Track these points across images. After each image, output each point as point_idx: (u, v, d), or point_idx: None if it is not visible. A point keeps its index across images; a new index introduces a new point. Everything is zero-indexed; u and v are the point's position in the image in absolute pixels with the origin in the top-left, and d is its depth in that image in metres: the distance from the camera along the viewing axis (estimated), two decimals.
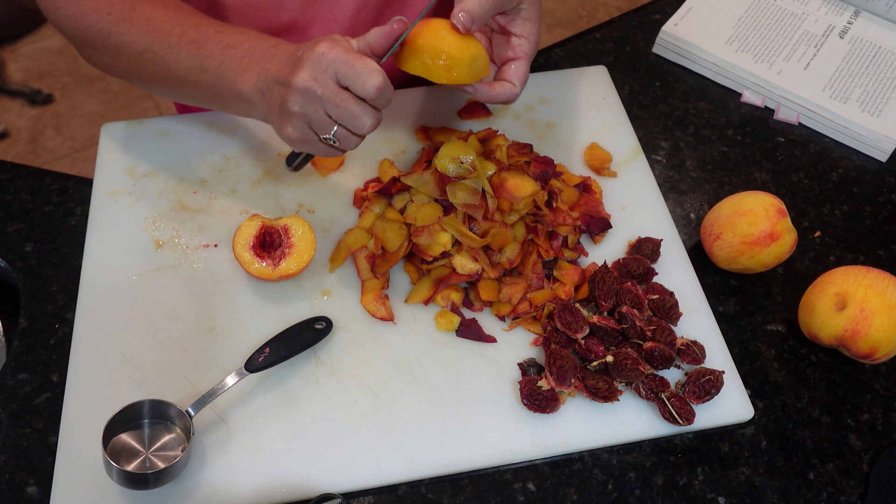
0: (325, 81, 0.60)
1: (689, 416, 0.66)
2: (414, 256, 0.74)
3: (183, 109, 1.02)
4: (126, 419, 0.62)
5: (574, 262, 0.76)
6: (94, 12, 0.69)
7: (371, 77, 0.59)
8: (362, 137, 0.64)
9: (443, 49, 0.64)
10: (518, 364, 0.70)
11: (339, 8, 0.81)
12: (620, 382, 0.67)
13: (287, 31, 0.82)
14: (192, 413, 0.63)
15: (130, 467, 0.60)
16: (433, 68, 0.64)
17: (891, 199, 0.86)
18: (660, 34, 0.97)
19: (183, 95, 0.73)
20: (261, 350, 0.66)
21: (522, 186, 0.71)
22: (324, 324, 0.70)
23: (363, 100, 0.61)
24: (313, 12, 0.81)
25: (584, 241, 0.78)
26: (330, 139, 0.63)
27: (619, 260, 0.75)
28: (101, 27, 0.69)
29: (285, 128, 0.64)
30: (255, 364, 0.65)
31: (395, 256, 0.72)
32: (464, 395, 0.68)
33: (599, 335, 0.69)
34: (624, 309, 0.70)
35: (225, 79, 0.67)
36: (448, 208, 0.72)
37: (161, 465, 0.61)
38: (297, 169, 0.72)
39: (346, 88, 0.61)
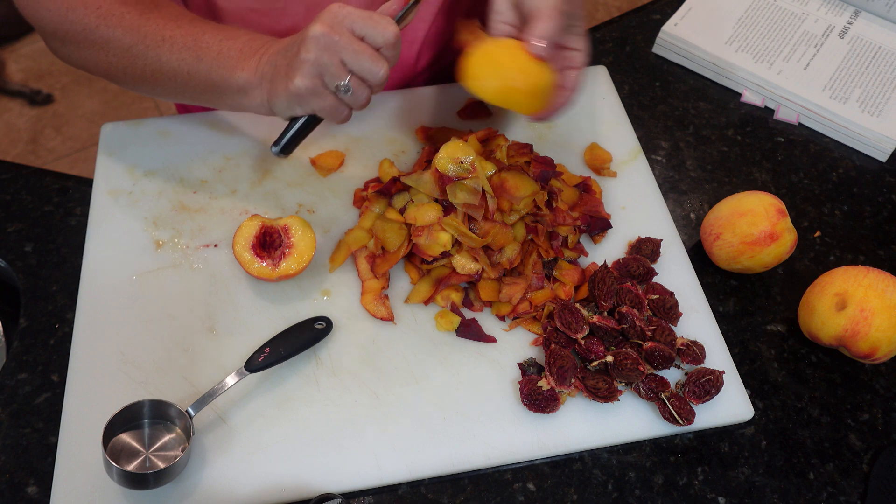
0: (341, 30, 0.61)
1: (689, 416, 0.66)
2: (414, 256, 0.74)
3: (183, 109, 1.02)
4: (126, 419, 0.62)
5: (574, 262, 0.76)
6: (81, 6, 0.69)
7: (389, 26, 0.62)
8: (370, 93, 0.65)
9: (530, 81, 0.66)
10: (518, 364, 0.70)
11: None
12: (620, 382, 0.67)
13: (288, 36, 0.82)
14: (192, 413, 0.63)
15: (130, 467, 0.60)
16: (518, 101, 0.67)
17: (891, 199, 0.86)
18: (660, 34, 0.97)
19: (170, 90, 0.72)
20: (261, 350, 0.66)
21: (522, 186, 0.71)
22: (324, 324, 0.70)
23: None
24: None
25: (584, 241, 0.78)
26: (342, 86, 0.63)
27: (619, 260, 0.75)
28: (88, 21, 0.69)
29: (293, 79, 0.63)
30: (255, 364, 0.65)
31: (395, 256, 0.72)
32: (464, 395, 0.68)
33: (599, 335, 0.69)
34: (624, 309, 0.70)
35: (222, 68, 0.67)
36: (448, 208, 0.72)
37: (161, 465, 0.61)
38: (284, 151, 0.69)
39: (362, 40, 0.62)
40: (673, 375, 0.70)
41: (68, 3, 0.69)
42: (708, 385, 0.67)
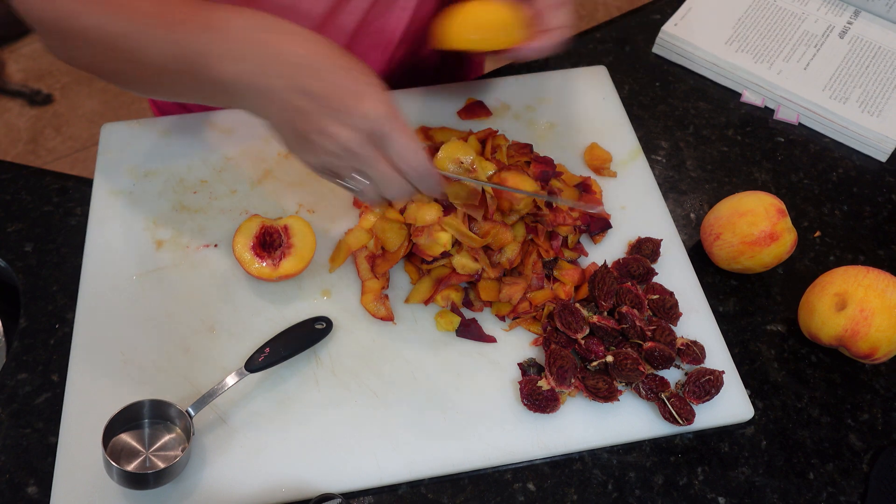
0: (363, 143, 0.56)
1: (689, 416, 0.66)
2: (414, 256, 0.74)
3: (160, 111, 1.01)
4: (126, 419, 0.62)
5: (574, 262, 0.76)
6: None
7: (418, 158, 0.57)
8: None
9: (494, 15, 0.70)
10: (518, 364, 0.70)
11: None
12: (620, 382, 0.67)
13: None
14: (192, 413, 0.63)
15: (130, 467, 0.60)
16: (489, 37, 0.70)
17: (891, 199, 0.86)
18: (660, 34, 0.97)
19: (158, 87, 0.65)
20: (261, 350, 0.66)
21: (522, 186, 0.71)
22: (324, 324, 0.70)
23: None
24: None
25: (584, 241, 0.78)
26: (351, 185, 0.59)
27: (619, 260, 0.75)
28: (72, 7, 0.62)
29: (302, 152, 0.59)
30: (255, 364, 0.66)
31: (395, 256, 0.72)
32: (464, 395, 0.68)
33: (599, 335, 0.69)
34: (624, 309, 0.70)
35: (198, 64, 0.57)
36: (448, 208, 0.72)
37: (161, 465, 0.61)
38: None
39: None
40: (673, 375, 0.70)
41: None
42: (708, 385, 0.67)
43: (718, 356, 0.71)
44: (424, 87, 0.90)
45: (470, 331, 0.71)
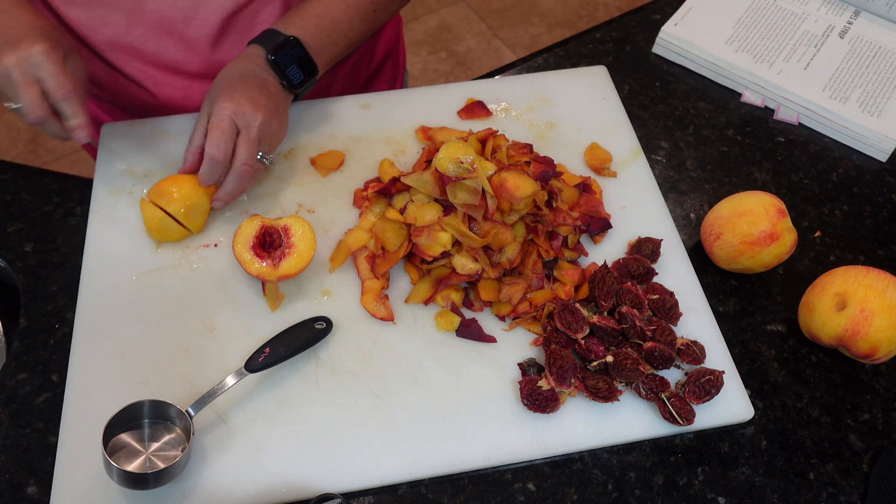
0: (18, 70, 0.67)
1: (689, 416, 0.66)
2: (414, 256, 0.74)
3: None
4: (126, 419, 0.62)
5: (574, 262, 0.76)
6: None
7: (62, 87, 0.67)
8: (36, 117, 0.69)
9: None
10: (518, 364, 0.70)
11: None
12: (620, 382, 0.67)
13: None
14: (192, 413, 0.63)
15: (130, 467, 0.60)
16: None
17: (891, 199, 0.86)
18: (660, 34, 0.97)
19: None
20: (261, 350, 0.66)
21: (522, 186, 0.71)
22: (324, 324, 0.70)
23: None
24: None
25: (584, 241, 0.78)
26: (10, 107, 0.69)
27: (619, 260, 0.75)
28: None
29: None
30: (255, 364, 0.65)
31: (395, 256, 0.72)
32: (464, 395, 0.68)
33: (599, 335, 0.69)
34: (624, 309, 0.70)
35: None
36: (448, 208, 0.72)
37: (161, 465, 0.61)
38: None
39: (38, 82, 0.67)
40: (673, 375, 0.70)
41: None
42: (708, 385, 0.67)
43: (718, 356, 0.71)
44: (424, 87, 0.90)
45: (470, 331, 0.71)
